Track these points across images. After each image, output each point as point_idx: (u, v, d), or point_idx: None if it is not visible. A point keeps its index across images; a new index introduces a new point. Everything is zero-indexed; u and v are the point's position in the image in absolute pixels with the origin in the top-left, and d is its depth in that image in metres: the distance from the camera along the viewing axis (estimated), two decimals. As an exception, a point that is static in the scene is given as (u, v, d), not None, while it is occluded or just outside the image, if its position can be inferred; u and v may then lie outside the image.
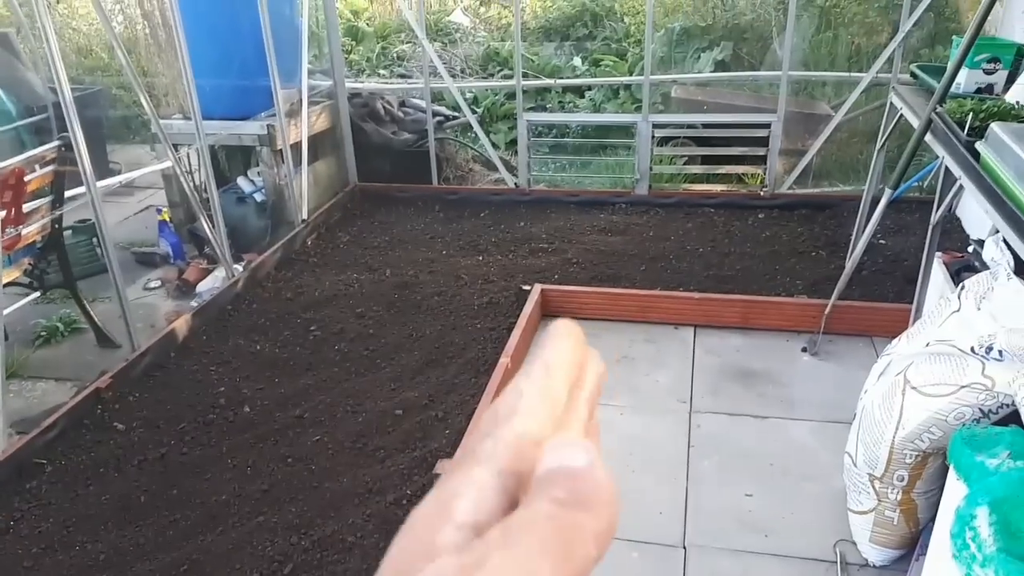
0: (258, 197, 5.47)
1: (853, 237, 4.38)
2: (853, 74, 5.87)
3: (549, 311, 4.27)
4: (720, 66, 7.31)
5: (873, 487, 2.49)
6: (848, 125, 5.85)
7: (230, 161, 5.89)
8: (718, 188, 5.77)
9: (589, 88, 7.69)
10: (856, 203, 4.40)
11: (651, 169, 5.64)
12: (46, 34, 3.45)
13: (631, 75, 7.58)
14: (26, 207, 4.03)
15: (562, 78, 7.70)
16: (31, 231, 4.03)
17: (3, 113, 5.72)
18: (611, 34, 9.19)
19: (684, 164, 5.89)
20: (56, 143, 4.10)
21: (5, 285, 3.88)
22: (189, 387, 3.73)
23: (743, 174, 5.83)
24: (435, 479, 2.92)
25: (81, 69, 8.47)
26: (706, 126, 5.76)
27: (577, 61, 8.35)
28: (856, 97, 5.31)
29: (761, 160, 5.54)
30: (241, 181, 5.62)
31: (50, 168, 4.10)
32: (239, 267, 4.76)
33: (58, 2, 9.33)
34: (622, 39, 8.90)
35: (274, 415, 3.48)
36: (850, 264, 3.77)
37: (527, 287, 4.36)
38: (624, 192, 5.73)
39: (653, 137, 5.55)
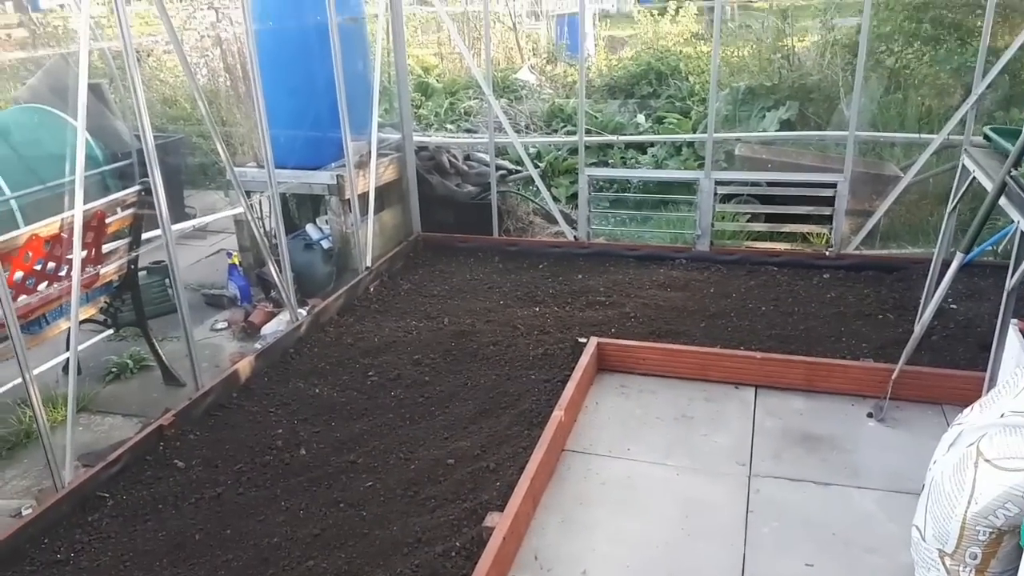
0: (325, 244, 5.63)
1: (922, 301, 4.24)
2: (923, 135, 5.76)
3: (605, 365, 4.24)
4: (785, 125, 7.28)
5: (943, 564, 2.36)
6: (918, 187, 5.72)
7: (299, 208, 6.09)
8: (782, 247, 5.69)
9: (652, 145, 7.74)
10: (926, 266, 4.27)
11: (713, 225, 5.61)
12: (134, 85, 3.66)
13: (695, 133, 7.60)
14: (105, 248, 4.23)
15: (625, 134, 7.77)
16: (109, 271, 4.22)
17: (91, 159, 6.04)
18: (675, 92, 9.27)
19: (747, 221, 5.83)
20: (136, 188, 4.32)
21: (81, 322, 4.05)
22: (248, 428, 3.80)
23: (808, 233, 5.74)
24: (484, 532, 2.89)
25: (166, 118, 8.93)
26: (770, 184, 5.72)
27: (641, 118, 8.43)
28: (926, 158, 5.20)
29: (827, 220, 5.45)
30: (309, 228, 5.79)
31: (129, 211, 4.30)
32: (303, 311, 4.87)
33: (148, 55, 9.91)
34: (686, 97, 8.97)
35: (329, 459, 3.51)
36: (919, 328, 3.64)
37: (583, 340, 4.34)
38: (684, 248, 5.70)
39: (716, 194, 5.53)
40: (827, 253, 5.47)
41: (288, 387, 4.16)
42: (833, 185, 5.33)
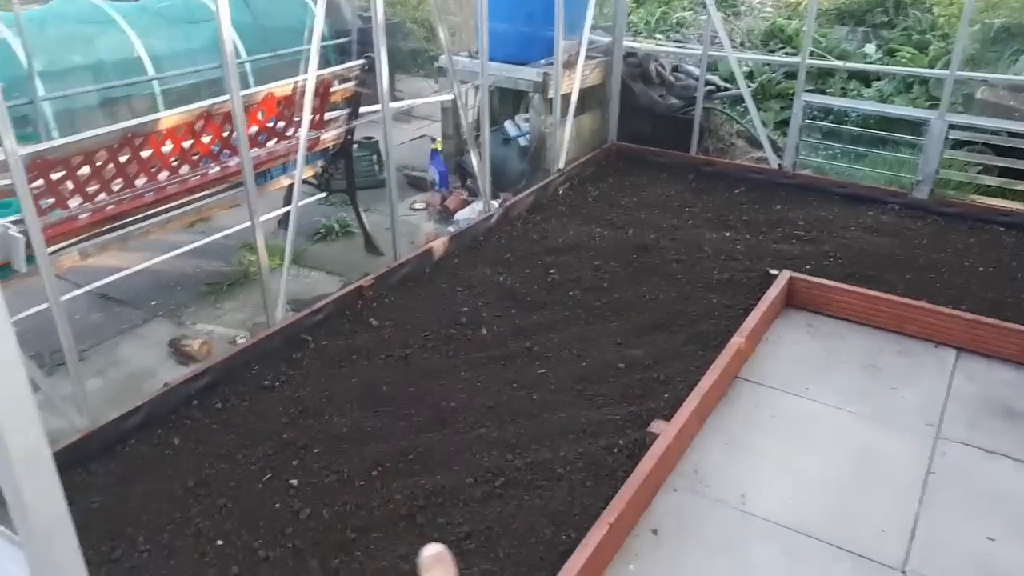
0: (522, 141, 5.70)
1: None
2: None
3: (794, 301, 4.07)
4: (1044, 72, 6.42)
5: None
6: None
7: (500, 103, 6.17)
8: (1014, 205, 5.10)
9: (879, 78, 7.09)
10: None
11: (937, 172, 5.11)
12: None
13: (931, 69, 6.88)
14: (327, 116, 4.52)
15: (851, 63, 7.16)
16: (328, 137, 4.52)
17: (320, 33, 6.42)
18: (914, 24, 8.37)
19: (977, 173, 5.27)
20: (360, 62, 4.54)
21: (301, 181, 4.38)
22: (437, 301, 4.03)
23: (1049, 195, 5.11)
24: (648, 437, 2.94)
25: (384, 2, 9.24)
26: (1012, 135, 5.10)
27: (870, 48, 7.72)
28: None
29: (1076, 182, 4.82)
30: (507, 124, 5.88)
31: (351, 84, 4.55)
32: (495, 203, 5.01)
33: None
34: (926, 30, 8.08)
35: (507, 342, 3.67)
36: None
37: (774, 271, 4.17)
38: (900, 192, 5.26)
39: (947, 138, 5.02)
40: (1068, 220, 4.86)
41: (475, 271, 4.34)
42: (1093, 144, 4.68)
